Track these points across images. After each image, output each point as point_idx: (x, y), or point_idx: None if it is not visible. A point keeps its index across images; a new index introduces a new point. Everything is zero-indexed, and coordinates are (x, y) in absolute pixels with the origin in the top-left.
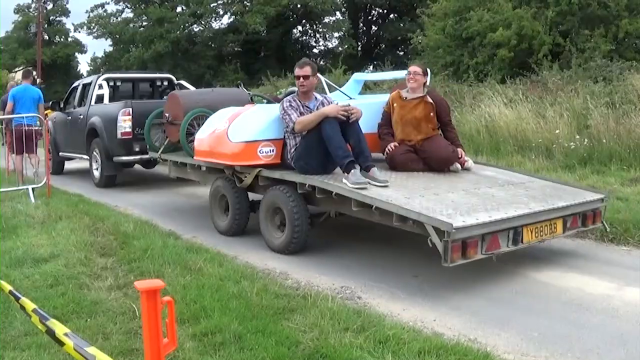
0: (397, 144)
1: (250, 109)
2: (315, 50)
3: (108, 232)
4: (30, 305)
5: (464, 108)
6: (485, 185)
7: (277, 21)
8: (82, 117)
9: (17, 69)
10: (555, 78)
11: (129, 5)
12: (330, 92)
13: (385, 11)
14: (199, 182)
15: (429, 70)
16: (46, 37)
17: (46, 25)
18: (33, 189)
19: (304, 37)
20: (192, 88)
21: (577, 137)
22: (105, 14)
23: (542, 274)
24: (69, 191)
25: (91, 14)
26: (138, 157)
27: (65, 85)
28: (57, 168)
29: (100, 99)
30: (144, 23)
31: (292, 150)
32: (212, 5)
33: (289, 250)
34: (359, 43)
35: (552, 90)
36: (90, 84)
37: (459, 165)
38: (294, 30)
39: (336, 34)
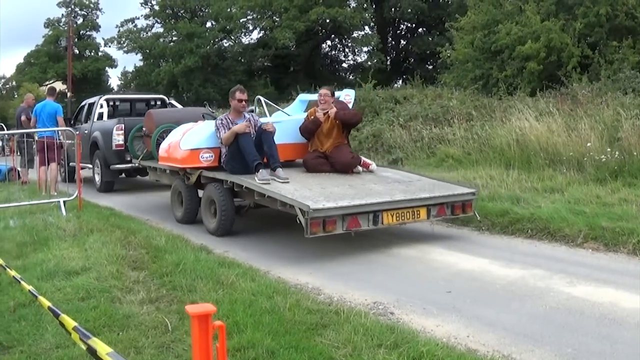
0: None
1: (198, 125)
2: (344, 65)
3: (140, 246)
4: (70, 322)
5: (494, 122)
6: (372, 182)
7: (306, 36)
8: (87, 132)
9: (47, 83)
10: (584, 90)
11: (158, 20)
12: (269, 114)
13: (413, 25)
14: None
15: (335, 91)
16: (76, 51)
17: (76, 40)
18: (64, 201)
19: (333, 52)
20: (179, 106)
21: (608, 149)
22: (135, 28)
23: (575, 289)
24: (100, 204)
25: (121, 29)
26: (129, 165)
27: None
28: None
29: (101, 116)
30: (174, 38)
31: (224, 156)
32: (241, 21)
33: (218, 232)
34: (388, 57)
35: (581, 102)
36: (94, 103)
37: (360, 168)
38: (323, 45)
39: (365, 49)
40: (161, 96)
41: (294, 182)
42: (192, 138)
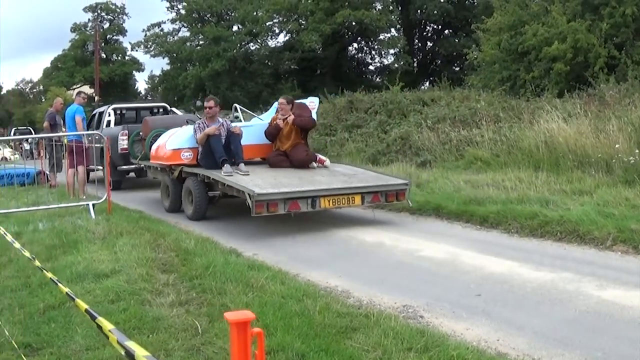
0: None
1: (182, 129)
2: (371, 67)
3: (169, 249)
4: (107, 325)
5: (522, 124)
6: (320, 175)
7: (332, 39)
8: (97, 137)
9: (74, 87)
10: (612, 91)
11: (185, 24)
12: (243, 119)
13: (440, 27)
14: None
15: (294, 99)
16: (103, 55)
17: (103, 44)
18: (93, 204)
19: (360, 54)
20: (179, 113)
21: (637, 151)
22: (161, 32)
23: (604, 292)
24: (129, 207)
25: (148, 33)
26: (133, 166)
27: (124, 102)
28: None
29: (109, 123)
30: (201, 42)
31: (200, 154)
32: (267, 24)
33: (194, 217)
34: (415, 59)
35: (609, 103)
36: (103, 112)
37: (314, 164)
38: (350, 48)
39: (392, 51)
40: (163, 104)
41: (253, 175)
42: (175, 140)
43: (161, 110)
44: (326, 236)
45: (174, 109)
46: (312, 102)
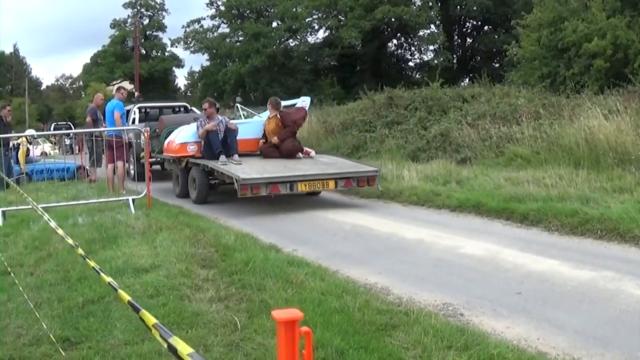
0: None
1: (189, 126)
2: (410, 64)
3: (209, 244)
4: (151, 319)
5: (562, 120)
6: (302, 164)
7: (372, 35)
8: (137, 132)
9: (114, 83)
10: None
11: (224, 21)
12: (244, 116)
13: (479, 23)
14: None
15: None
16: (143, 51)
17: (143, 40)
18: (133, 199)
19: (399, 51)
20: (198, 112)
21: None
22: (201, 29)
23: None
24: (168, 203)
25: (187, 29)
26: (154, 159)
27: (163, 99)
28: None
29: (134, 121)
30: (240, 38)
31: (202, 147)
32: (307, 20)
33: (197, 201)
34: (454, 56)
35: None
36: (129, 110)
37: (300, 155)
38: (389, 44)
39: (431, 47)
40: (184, 104)
41: (245, 164)
42: (182, 135)
43: (182, 109)
44: (365, 232)
45: (194, 109)
46: (304, 102)
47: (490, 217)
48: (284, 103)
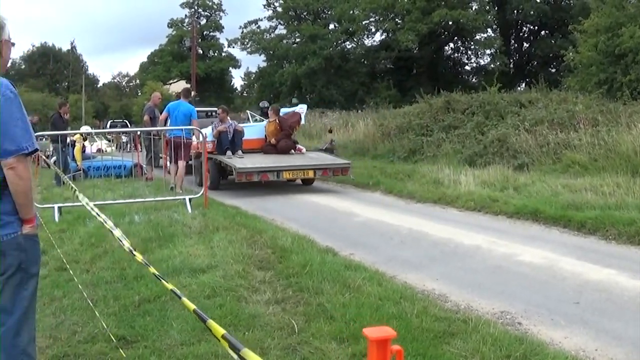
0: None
1: (208, 128)
2: (467, 68)
3: (266, 246)
4: (219, 330)
5: (620, 127)
6: (292, 158)
7: (429, 38)
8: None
9: (171, 82)
10: None
11: (282, 22)
12: (252, 120)
13: (536, 28)
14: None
15: (274, 105)
16: (200, 51)
17: (200, 40)
18: (190, 199)
19: (456, 54)
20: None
21: None
22: (258, 30)
23: None
24: (225, 203)
25: (245, 30)
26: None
27: (219, 99)
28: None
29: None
30: (297, 39)
31: (215, 145)
32: (364, 23)
33: (211, 187)
34: (511, 60)
35: None
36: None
37: (293, 151)
38: (446, 48)
39: (488, 51)
40: (215, 109)
41: (246, 159)
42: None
43: (214, 113)
44: (422, 237)
45: (248, 112)
46: (301, 108)
47: (547, 224)
48: (284, 110)
